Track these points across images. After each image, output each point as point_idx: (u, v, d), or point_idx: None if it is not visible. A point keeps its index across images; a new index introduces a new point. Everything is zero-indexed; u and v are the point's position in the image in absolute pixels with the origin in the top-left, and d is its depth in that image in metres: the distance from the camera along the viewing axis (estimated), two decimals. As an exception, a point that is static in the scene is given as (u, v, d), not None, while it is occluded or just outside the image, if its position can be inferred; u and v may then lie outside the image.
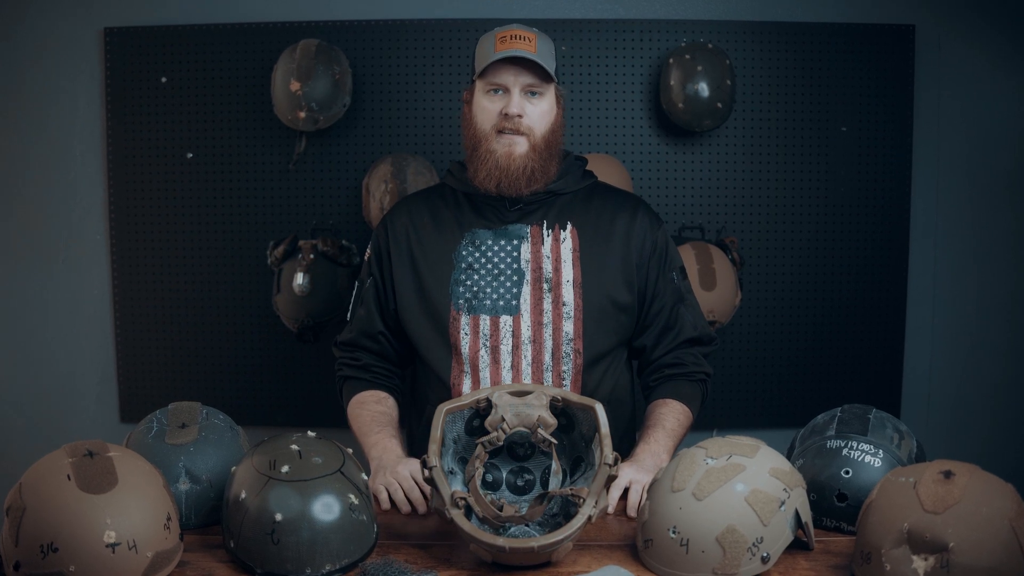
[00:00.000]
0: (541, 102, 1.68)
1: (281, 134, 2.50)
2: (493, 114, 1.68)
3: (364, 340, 1.80)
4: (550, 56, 1.68)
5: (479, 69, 1.67)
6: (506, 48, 1.63)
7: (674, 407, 1.71)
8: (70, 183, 2.59)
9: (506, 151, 1.67)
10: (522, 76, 1.66)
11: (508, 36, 1.65)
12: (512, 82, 1.66)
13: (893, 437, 1.44)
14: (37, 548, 1.12)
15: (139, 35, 2.50)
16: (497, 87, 1.67)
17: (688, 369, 1.76)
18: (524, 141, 1.67)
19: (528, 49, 1.64)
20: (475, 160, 1.71)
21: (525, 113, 1.67)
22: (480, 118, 1.70)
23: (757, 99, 2.50)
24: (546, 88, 1.68)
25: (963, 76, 2.52)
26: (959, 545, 1.09)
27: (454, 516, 1.27)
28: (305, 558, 1.22)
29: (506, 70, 1.65)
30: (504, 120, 1.66)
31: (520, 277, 1.70)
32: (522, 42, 1.64)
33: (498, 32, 1.67)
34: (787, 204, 2.53)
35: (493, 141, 1.68)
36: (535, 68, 1.65)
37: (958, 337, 2.60)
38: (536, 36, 1.67)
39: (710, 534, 1.21)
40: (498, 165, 1.67)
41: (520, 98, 1.66)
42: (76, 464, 1.18)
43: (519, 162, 1.67)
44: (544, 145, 1.69)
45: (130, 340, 2.59)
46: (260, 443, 1.33)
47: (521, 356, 1.68)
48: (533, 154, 1.68)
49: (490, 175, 1.68)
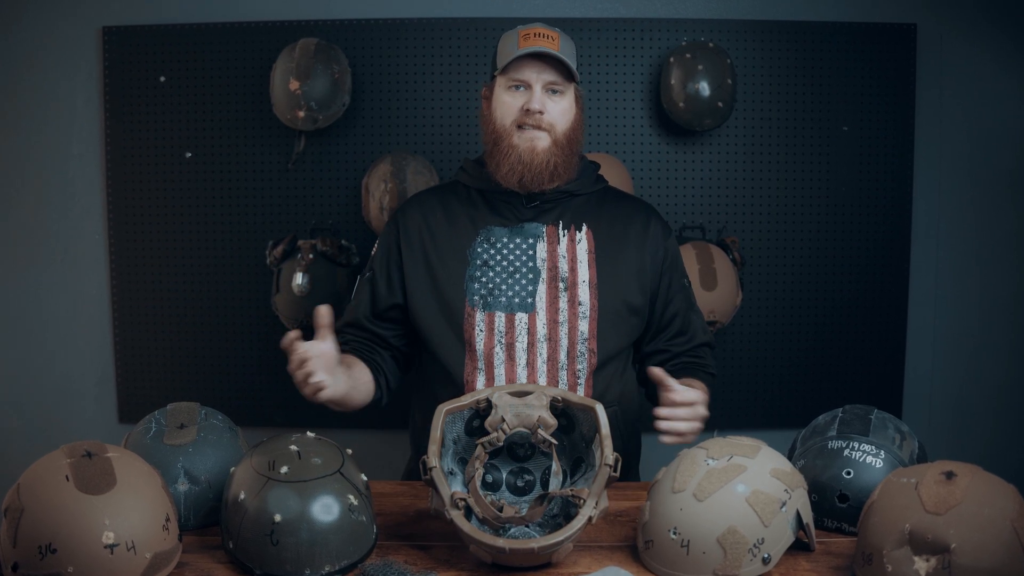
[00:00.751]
0: (562, 100, 1.69)
1: (280, 133, 2.49)
2: (514, 109, 1.67)
3: (349, 330, 1.79)
4: (572, 56, 1.69)
5: (501, 65, 1.67)
6: (530, 45, 1.64)
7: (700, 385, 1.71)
8: (68, 183, 2.58)
9: (528, 146, 1.67)
10: (545, 73, 1.66)
11: (532, 33, 1.66)
12: (534, 78, 1.66)
13: (895, 438, 1.43)
14: (35, 549, 1.12)
15: (137, 34, 2.50)
16: (519, 83, 1.67)
17: (704, 362, 1.80)
18: (546, 136, 1.67)
19: (551, 47, 1.64)
20: (496, 155, 1.70)
21: (546, 110, 1.67)
22: (500, 112, 1.69)
23: (758, 98, 2.50)
24: (567, 87, 1.69)
25: (965, 75, 2.52)
26: (961, 546, 1.09)
27: (454, 517, 1.27)
28: (304, 559, 1.22)
29: (529, 66, 1.66)
30: (525, 116, 1.66)
31: (536, 275, 1.70)
32: (545, 40, 1.65)
33: (521, 29, 1.68)
34: (788, 204, 2.52)
35: (515, 136, 1.68)
36: (558, 65, 1.66)
37: (960, 337, 2.60)
38: (559, 35, 1.68)
39: (711, 535, 1.21)
40: (521, 159, 1.67)
41: (542, 94, 1.66)
42: (74, 465, 1.18)
43: (542, 156, 1.67)
44: (566, 142, 1.70)
45: (128, 340, 2.59)
46: (259, 444, 1.33)
47: (536, 354, 1.67)
48: (555, 149, 1.68)
49: (513, 169, 1.68)
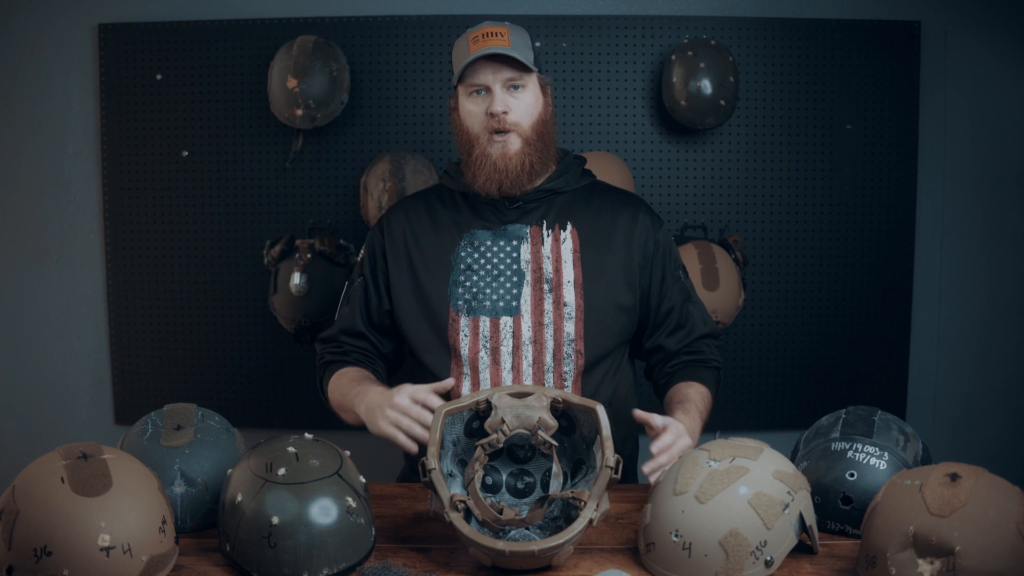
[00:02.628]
0: (525, 94, 1.67)
1: (278, 132, 2.49)
2: (480, 116, 1.67)
3: (345, 338, 1.79)
4: (526, 47, 1.67)
5: (457, 73, 1.67)
6: (479, 47, 1.63)
7: (699, 389, 1.70)
8: (63, 182, 2.57)
9: (501, 152, 1.67)
10: (500, 72, 1.65)
11: (480, 35, 1.65)
12: (491, 80, 1.65)
13: (899, 439, 1.43)
14: (30, 552, 1.11)
15: (133, 31, 2.49)
16: (478, 87, 1.67)
17: (705, 356, 1.77)
18: (516, 138, 1.67)
19: (502, 44, 1.63)
20: (472, 165, 1.70)
21: (510, 108, 1.66)
22: (468, 122, 1.69)
23: (760, 96, 2.49)
24: (527, 79, 1.68)
25: (970, 72, 2.51)
26: (966, 549, 1.08)
27: (453, 520, 1.26)
28: (302, 562, 1.21)
29: (483, 69, 1.65)
30: (491, 120, 1.66)
31: (520, 278, 1.69)
32: (495, 38, 1.64)
33: (470, 33, 1.67)
34: (791, 203, 2.52)
35: (486, 144, 1.67)
36: (512, 62, 1.65)
37: (965, 337, 2.59)
38: (508, 29, 1.66)
39: (713, 538, 1.20)
40: (496, 168, 1.67)
41: (503, 94, 1.66)
42: (70, 467, 1.17)
43: (516, 160, 1.67)
44: (536, 137, 1.69)
45: (124, 341, 2.58)
46: (256, 445, 1.33)
47: (522, 357, 1.67)
48: (528, 148, 1.68)
49: (490, 179, 1.68)
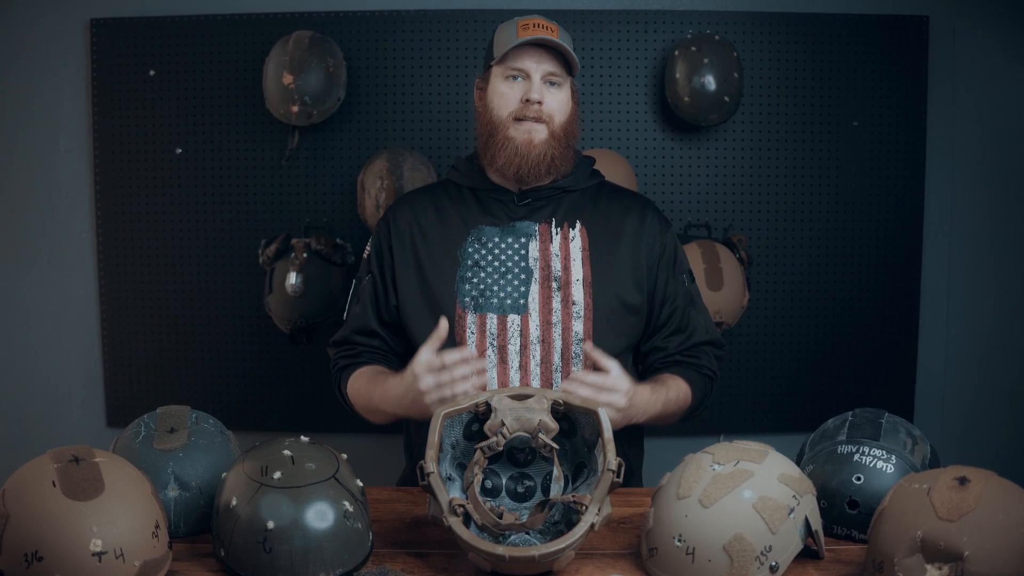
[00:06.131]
0: (560, 92, 1.68)
1: (273, 129, 2.48)
2: (512, 100, 1.66)
3: (358, 338, 1.77)
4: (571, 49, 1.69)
5: (499, 54, 1.66)
6: (530, 34, 1.63)
7: (680, 384, 1.68)
8: (55, 180, 2.57)
9: (525, 138, 1.66)
10: (544, 63, 1.66)
11: (531, 24, 1.66)
12: (534, 68, 1.65)
13: (906, 442, 1.42)
14: (21, 557, 1.10)
15: (126, 27, 2.48)
16: (518, 72, 1.66)
17: (700, 362, 1.75)
18: (544, 128, 1.66)
19: (552, 36, 1.64)
20: (491, 148, 1.69)
21: (545, 100, 1.66)
22: (497, 103, 1.68)
23: (765, 93, 2.49)
24: (565, 80, 1.69)
25: (978, 68, 2.51)
26: (974, 554, 1.07)
27: (452, 524, 1.25)
28: (298, 567, 1.20)
29: (528, 55, 1.65)
30: (524, 106, 1.65)
31: (528, 275, 1.68)
32: (545, 30, 1.65)
33: (520, 20, 1.67)
34: (796, 201, 2.51)
35: (511, 128, 1.67)
36: (557, 56, 1.65)
37: (973, 338, 2.59)
38: (558, 28, 1.67)
39: (717, 542, 1.19)
40: (518, 152, 1.66)
41: (541, 84, 1.66)
42: (61, 470, 1.16)
43: (539, 148, 1.66)
44: (563, 135, 1.69)
45: (117, 342, 2.57)
46: (251, 448, 1.32)
47: (529, 356, 1.66)
48: (553, 141, 1.67)
49: (509, 162, 1.67)
